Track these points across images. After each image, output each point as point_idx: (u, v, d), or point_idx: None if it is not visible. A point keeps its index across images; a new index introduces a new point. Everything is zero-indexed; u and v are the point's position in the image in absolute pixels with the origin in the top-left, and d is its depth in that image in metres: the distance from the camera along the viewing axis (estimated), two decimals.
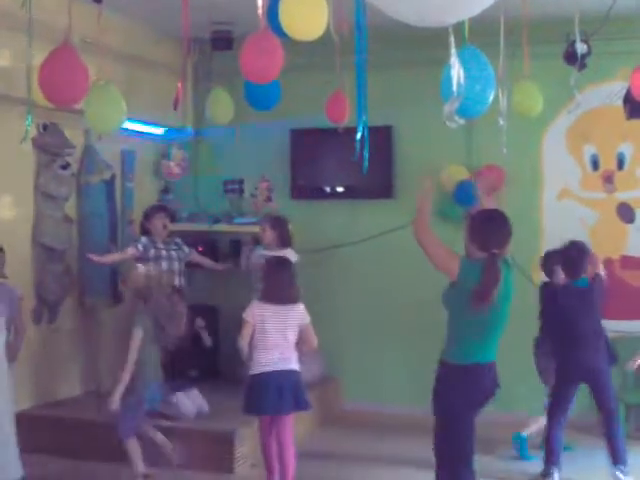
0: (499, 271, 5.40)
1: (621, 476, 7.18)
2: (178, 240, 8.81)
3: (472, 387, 5.58)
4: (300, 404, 6.90)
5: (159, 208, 8.88)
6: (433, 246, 5.50)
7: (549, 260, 7.72)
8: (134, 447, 6.94)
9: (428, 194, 5.72)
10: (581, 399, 7.63)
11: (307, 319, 6.93)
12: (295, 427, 7.83)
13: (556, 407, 7.41)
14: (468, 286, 5.41)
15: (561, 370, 7.37)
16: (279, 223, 8.66)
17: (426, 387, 5.80)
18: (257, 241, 8.83)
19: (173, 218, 9.26)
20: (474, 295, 5.35)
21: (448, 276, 5.52)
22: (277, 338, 6.74)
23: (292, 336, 6.82)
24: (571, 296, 7.32)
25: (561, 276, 7.50)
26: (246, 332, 6.73)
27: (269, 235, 8.59)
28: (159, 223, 8.58)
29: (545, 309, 7.55)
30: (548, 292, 7.54)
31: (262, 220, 8.86)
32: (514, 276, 5.73)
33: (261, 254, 8.52)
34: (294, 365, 6.86)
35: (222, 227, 9.79)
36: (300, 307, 6.91)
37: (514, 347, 7.34)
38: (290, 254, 8.53)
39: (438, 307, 5.75)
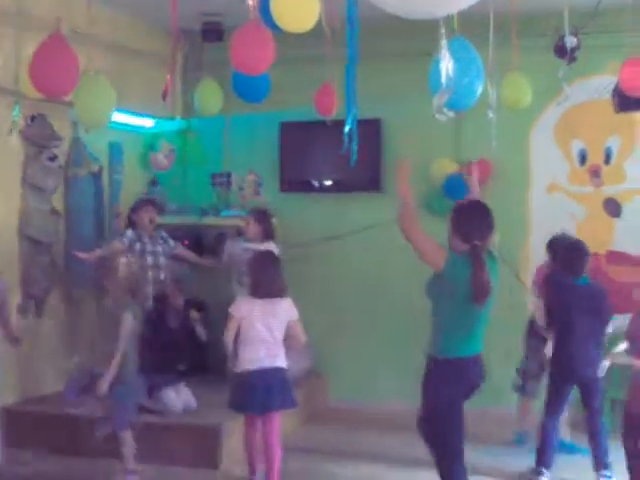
0: (484, 263, 5.43)
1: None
2: (164, 234, 8.80)
3: (459, 380, 5.60)
4: (287, 402, 6.89)
5: (147, 201, 8.88)
6: (419, 238, 5.47)
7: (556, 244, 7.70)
8: (129, 440, 6.80)
9: (405, 177, 5.67)
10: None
11: (295, 315, 6.90)
12: (282, 423, 7.86)
13: (552, 407, 7.36)
14: (455, 280, 5.44)
15: (558, 370, 7.37)
16: (264, 217, 8.69)
17: (412, 383, 5.81)
18: (239, 233, 8.85)
19: (161, 211, 9.22)
20: (476, 293, 5.38)
21: (433, 268, 5.52)
22: (264, 334, 6.71)
23: (279, 332, 6.78)
24: (576, 293, 7.28)
25: None
26: (232, 326, 6.70)
27: (253, 228, 8.62)
28: (146, 216, 8.58)
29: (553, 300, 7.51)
30: (557, 284, 7.49)
31: (248, 213, 8.87)
32: (499, 269, 5.74)
33: (244, 247, 8.54)
34: (281, 362, 6.82)
35: (209, 220, 9.77)
36: (287, 302, 6.89)
37: (501, 340, 7.36)
38: (272, 247, 8.54)
39: (427, 302, 5.75)
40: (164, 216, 9.38)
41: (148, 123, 9.81)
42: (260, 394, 6.66)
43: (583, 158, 9.23)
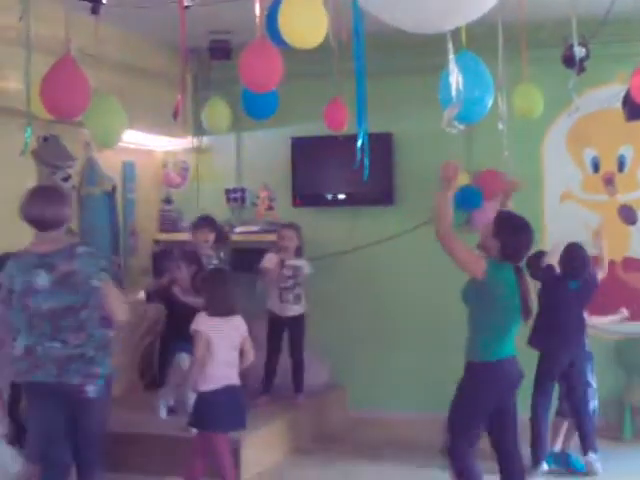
0: (528, 281, 5.79)
1: (593, 456, 7.44)
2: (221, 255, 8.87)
3: (502, 381, 5.74)
4: (244, 421, 6.70)
5: (203, 220, 8.87)
6: (460, 251, 5.62)
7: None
8: None
9: (449, 192, 5.73)
10: None
11: (246, 331, 6.69)
12: (296, 434, 7.87)
13: (543, 403, 7.55)
14: (497, 288, 5.65)
15: (546, 366, 7.51)
16: (300, 231, 8.78)
17: (432, 394, 5.83)
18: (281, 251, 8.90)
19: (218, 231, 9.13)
20: (525, 312, 5.69)
21: (472, 275, 5.65)
22: (225, 352, 6.53)
23: (236, 350, 6.62)
24: (568, 293, 7.48)
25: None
26: (203, 343, 6.44)
27: (295, 243, 8.72)
28: (201, 237, 8.59)
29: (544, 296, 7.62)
30: (551, 280, 7.59)
31: (284, 228, 8.97)
32: None
33: (290, 264, 8.72)
34: (237, 380, 6.64)
35: None
36: (239, 319, 6.68)
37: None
38: (305, 264, 8.67)
39: (442, 312, 5.77)
40: (177, 233, 9.41)
41: (160, 142, 9.84)
42: (226, 412, 6.52)
43: (596, 166, 9.22)
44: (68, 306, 5.47)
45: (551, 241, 8.91)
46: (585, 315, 7.65)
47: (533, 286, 6.50)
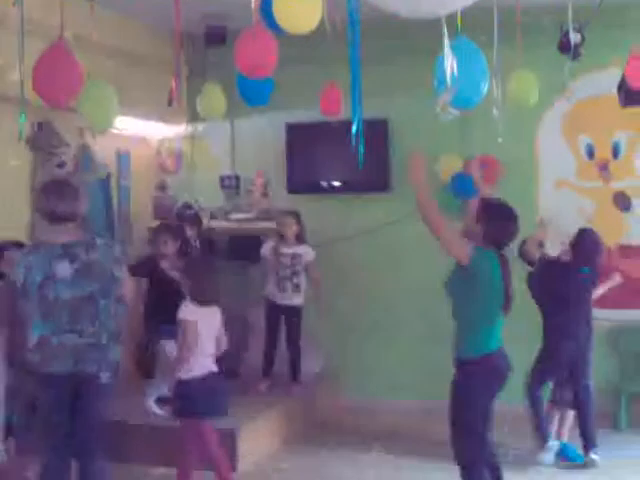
0: (511, 271, 5.64)
1: (595, 457, 7.41)
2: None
3: (493, 375, 5.65)
4: (224, 408, 6.66)
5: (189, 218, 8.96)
6: (442, 224, 5.49)
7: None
8: None
9: (419, 167, 5.69)
10: None
11: (220, 321, 6.69)
12: (292, 423, 7.86)
13: (541, 390, 7.59)
14: (482, 275, 5.54)
15: (551, 355, 7.51)
16: (300, 218, 8.77)
17: (427, 382, 5.81)
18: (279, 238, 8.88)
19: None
20: (507, 302, 5.58)
21: (458, 259, 5.55)
22: (208, 340, 6.53)
23: (214, 339, 6.61)
24: (576, 280, 7.44)
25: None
26: (192, 331, 6.41)
27: (294, 230, 8.68)
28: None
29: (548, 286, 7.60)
30: (554, 269, 7.60)
31: (282, 215, 8.96)
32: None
33: (284, 251, 8.70)
34: (215, 367, 6.61)
35: (219, 223, 9.78)
36: (216, 308, 6.66)
37: (514, 337, 7.34)
38: (309, 251, 8.65)
39: (437, 300, 5.76)
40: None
41: (155, 128, 9.82)
42: (207, 399, 6.49)
43: (591, 153, 9.21)
44: (88, 295, 5.67)
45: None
46: None
47: (518, 277, 6.46)
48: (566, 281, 7.46)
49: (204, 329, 6.47)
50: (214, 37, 9.09)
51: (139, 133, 9.63)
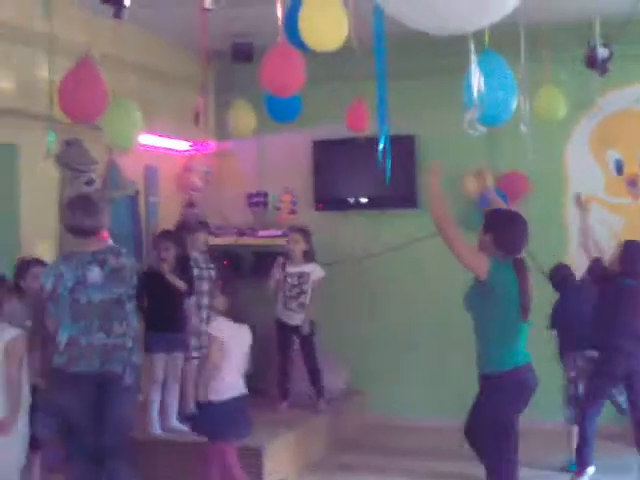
0: (529, 277, 5.52)
1: None
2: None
3: (517, 390, 5.59)
4: (249, 429, 6.64)
5: (203, 223, 8.83)
6: (458, 239, 5.48)
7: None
8: None
9: (436, 177, 5.69)
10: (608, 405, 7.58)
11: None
12: (320, 441, 7.80)
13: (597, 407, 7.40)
14: (501, 287, 5.48)
15: (603, 368, 7.34)
16: (308, 235, 8.68)
17: (453, 399, 5.78)
18: (286, 257, 8.76)
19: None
20: (524, 309, 5.47)
21: (475, 273, 5.51)
22: (238, 359, 6.48)
23: (244, 358, 6.57)
24: (623, 293, 7.32)
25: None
26: (217, 349, 6.38)
27: (301, 247, 8.60)
28: (202, 238, 8.47)
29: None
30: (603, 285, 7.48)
31: (290, 231, 8.89)
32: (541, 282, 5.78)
33: (290, 272, 8.57)
34: (245, 389, 6.57)
35: (247, 240, 9.79)
36: (247, 327, 6.63)
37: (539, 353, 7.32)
38: (317, 270, 8.57)
39: (465, 317, 5.72)
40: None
41: (183, 145, 9.85)
42: (236, 421, 6.47)
43: (620, 168, 9.17)
44: (117, 298, 6.02)
45: (574, 243, 8.89)
46: None
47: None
48: (609, 292, 7.36)
49: (235, 347, 6.43)
50: (241, 54, 9.10)
51: (167, 150, 9.66)
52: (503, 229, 5.62)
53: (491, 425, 5.56)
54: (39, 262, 6.80)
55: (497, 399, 5.55)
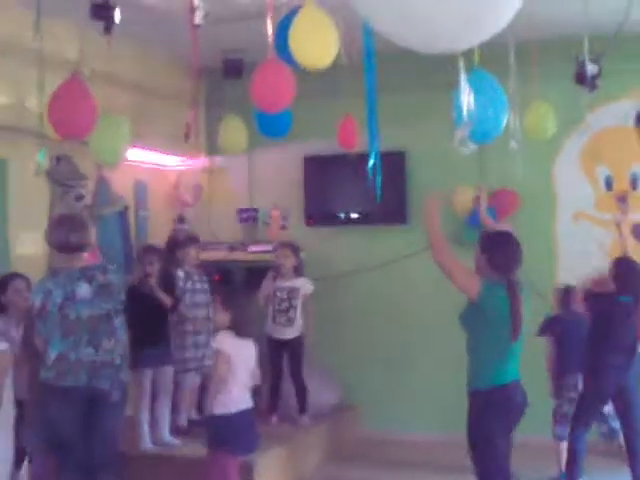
0: (521, 298, 5.50)
1: None
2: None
3: (504, 408, 5.57)
4: (257, 444, 6.68)
5: (193, 238, 8.80)
6: (453, 264, 5.48)
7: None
8: None
9: (436, 210, 5.70)
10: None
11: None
12: (311, 456, 7.77)
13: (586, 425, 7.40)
14: (492, 308, 5.47)
15: (594, 385, 7.34)
16: (297, 250, 8.69)
17: (447, 414, 5.77)
18: (277, 271, 8.76)
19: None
20: (514, 329, 5.44)
21: (467, 295, 5.52)
22: (243, 373, 6.45)
23: (250, 372, 6.57)
24: (618, 308, 7.30)
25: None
26: (224, 364, 6.34)
27: (291, 261, 8.61)
28: (193, 252, 8.50)
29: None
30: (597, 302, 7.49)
31: (280, 246, 8.88)
32: (530, 299, 5.77)
33: (278, 286, 8.58)
34: (251, 402, 6.59)
35: (237, 255, 9.79)
36: (252, 342, 6.65)
37: (532, 369, 7.31)
38: (307, 284, 8.57)
39: (455, 332, 5.73)
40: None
41: (173, 161, 9.85)
42: (242, 435, 6.46)
43: (609, 184, 9.19)
44: (105, 314, 6.07)
45: (564, 259, 8.92)
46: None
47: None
48: (605, 309, 7.36)
49: (240, 362, 6.41)
50: (231, 70, 9.10)
51: (157, 165, 9.65)
52: (497, 250, 5.65)
53: (478, 443, 5.57)
54: (19, 276, 6.83)
55: (483, 416, 5.55)
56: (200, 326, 8.21)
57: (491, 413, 5.52)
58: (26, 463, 6.49)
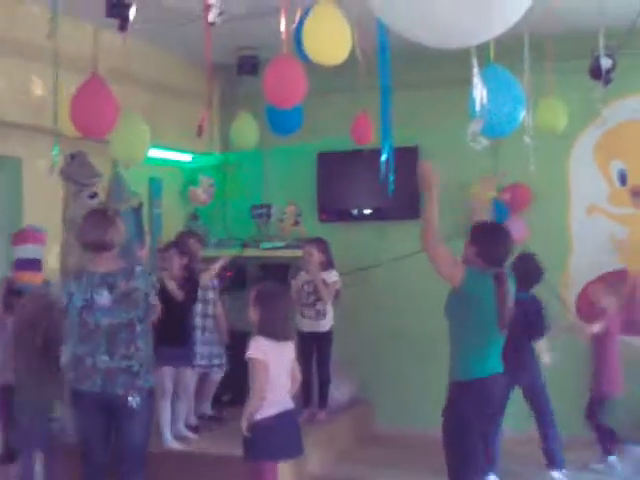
0: (509, 290, 5.55)
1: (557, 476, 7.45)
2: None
3: (480, 400, 5.59)
4: (302, 447, 6.36)
5: (194, 234, 8.86)
6: (436, 250, 5.55)
7: None
8: None
9: (430, 173, 5.70)
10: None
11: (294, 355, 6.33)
12: (329, 450, 7.76)
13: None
14: (475, 296, 5.53)
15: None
16: (326, 246, 8.71)
17: None
18: (303, 268, 8.85)
19: (204, 244, 9.19)
20: (501, 319, 5.49)
21: (450, 282, 5.58)
22: (282, 376, 6.12)
23: (289, 374, 6.23)
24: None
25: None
26: (262, 373, 5.96)
27: (317, 258, 8.63)
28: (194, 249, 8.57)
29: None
30: None
31: (304, 244, 8.92)
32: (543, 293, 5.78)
33: (306, 279, 8.65)
34: (291, 404, 6.26)
35: (251, 252, 9.80)
36: (290, 342, 6.27)
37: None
38: (334, 276, 8.60)
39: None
40: (206, 249, 9.42)
41: (187, 158, 9.87)
42: (283, 439, 6.14)
43: (623, 179, 9.17)
44: (126, 323, 5.98)
45: (577, 254, 8.91)
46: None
47: None
48: None
49: (278, 366, 6.05)
50: (246, 67, 9.12)
51: (172, 162, 9.67)
52: (486, 241, 5.66)
53: (449, 430, 5.57)
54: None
55: (458, 408, 5.56)
56: (208, 322, 8.46)
57: (465, 405, 5.52)
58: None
